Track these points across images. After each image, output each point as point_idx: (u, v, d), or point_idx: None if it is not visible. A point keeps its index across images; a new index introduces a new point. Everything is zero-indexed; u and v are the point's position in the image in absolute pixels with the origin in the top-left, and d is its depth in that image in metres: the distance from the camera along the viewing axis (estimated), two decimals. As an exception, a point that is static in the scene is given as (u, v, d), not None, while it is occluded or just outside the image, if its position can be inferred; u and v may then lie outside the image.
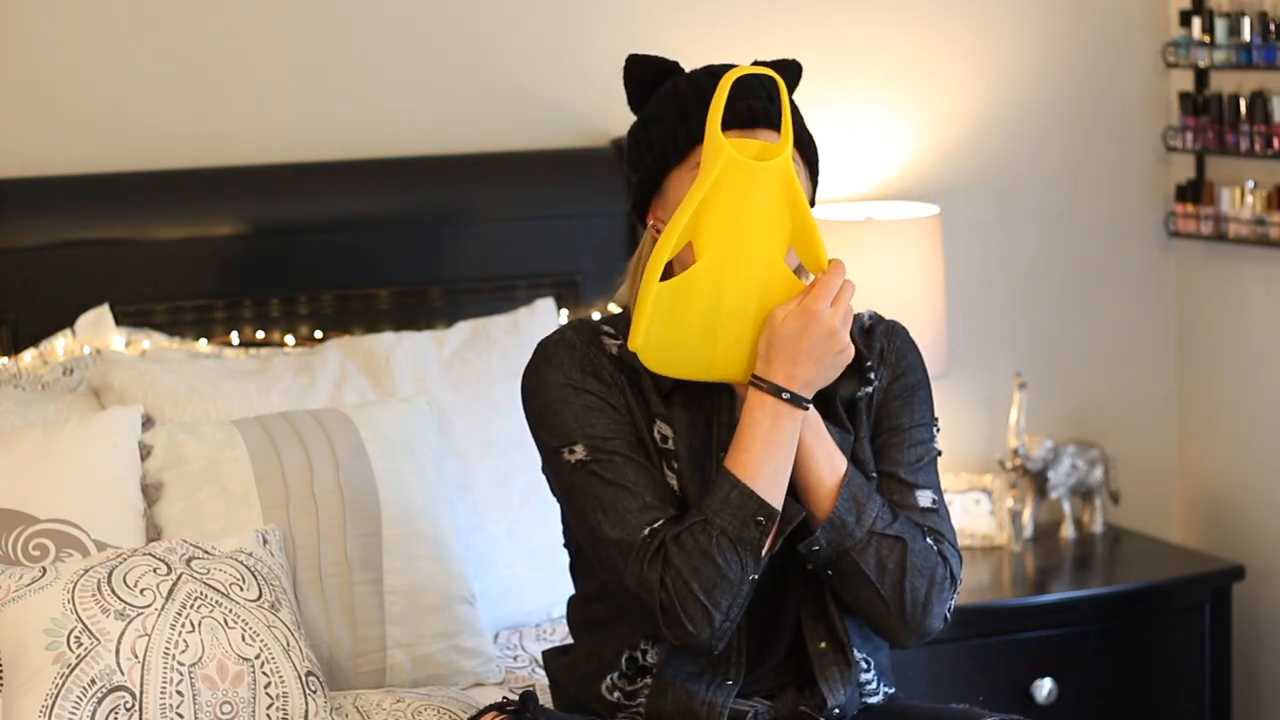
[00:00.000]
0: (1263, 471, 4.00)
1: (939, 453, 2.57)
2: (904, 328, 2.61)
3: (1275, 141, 3.83)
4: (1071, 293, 4.12)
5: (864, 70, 3.90)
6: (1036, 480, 3.93)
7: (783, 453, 2.40)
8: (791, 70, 2.56)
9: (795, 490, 2.45)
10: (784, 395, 2.39)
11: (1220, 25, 3.91)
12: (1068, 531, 3.97)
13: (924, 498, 2.52)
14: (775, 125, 2.44)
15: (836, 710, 2.51)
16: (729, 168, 2.36)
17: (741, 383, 2.44)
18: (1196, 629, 3.77)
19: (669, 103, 2.47)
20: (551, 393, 2.48)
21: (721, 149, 2.36)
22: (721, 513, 2.38)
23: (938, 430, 2.58)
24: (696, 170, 2.42)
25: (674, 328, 2.40)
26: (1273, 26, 3.81)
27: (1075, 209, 4.10)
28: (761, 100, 2.45)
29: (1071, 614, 3.67)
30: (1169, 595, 3.77)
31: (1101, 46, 4.08)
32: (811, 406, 2.43)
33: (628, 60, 2.53)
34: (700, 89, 2.45)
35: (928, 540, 2.48)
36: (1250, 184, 3.91)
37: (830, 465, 2.45)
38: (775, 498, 2.40)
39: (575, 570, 2.62)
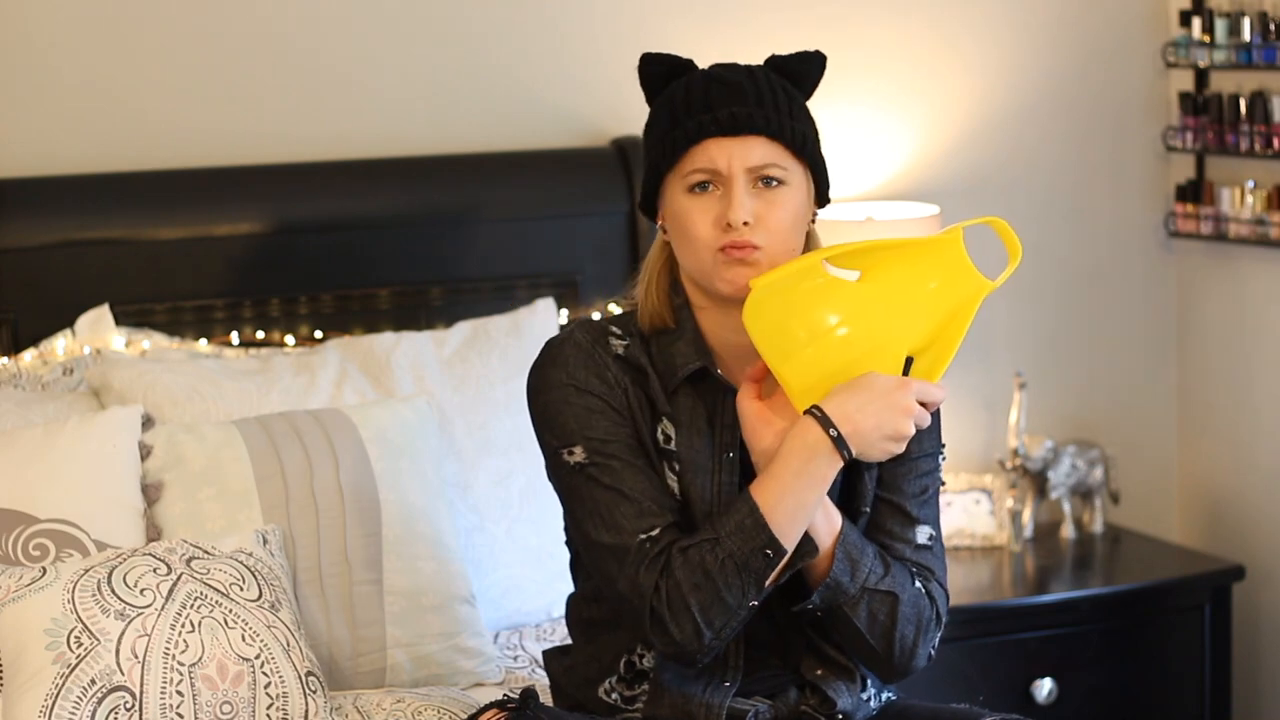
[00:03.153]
0: (1263, 471, 4.00)
1: (943, 483, 2.56)
2: None
3: (1275, 141, 3.83)
4: (1071, 293, 4.12)
5: (864, 70, 3.90)
6: (1036, 480, 3.93)
7: (811, 491, 2.36)
8: (814, 63, 2.50)
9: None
10: (832, 432, 2.34)
11: (1220, 25, 3.91)
12: (1068, 531, 3.97)
13: (922, 534, 2.50)
14: (769, 132, 2.40)
15: (841, 716, 2.51)
16: (953, 251, 2.37)
17: (782, 401, 2.40)
18: (1196, 629, 3.77)
19: (664, 109, 2.45)
20: (554, 393, 2.47)
21: (956, 240, 2.38)
22: (734, 536, 2.36)
23: (943, 459, 2.56)
24: (688, 179, 2.40)
25: (792, 304, 2.35)
26: (1273, 26, 3.81)
27: (1075, 209, 4.11)
28: (749, 105, 2.41)
29: (1071, 614, 3.67)
30: (1169, 595, 3.77)
31: (1101, 46, 4.08)
32: None
33: (641, 59, 2.50)
34: (691, 94, 2.42)
35: (917, 584, 2.47)
36: (1250, 184, 3.91)
37: (828, 525, 2.42)
38: (789, 534, 2.36)
39: (575, 568, 2.61)
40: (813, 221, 2.50)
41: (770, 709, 2.51)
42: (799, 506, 2.36)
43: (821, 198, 2.50)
